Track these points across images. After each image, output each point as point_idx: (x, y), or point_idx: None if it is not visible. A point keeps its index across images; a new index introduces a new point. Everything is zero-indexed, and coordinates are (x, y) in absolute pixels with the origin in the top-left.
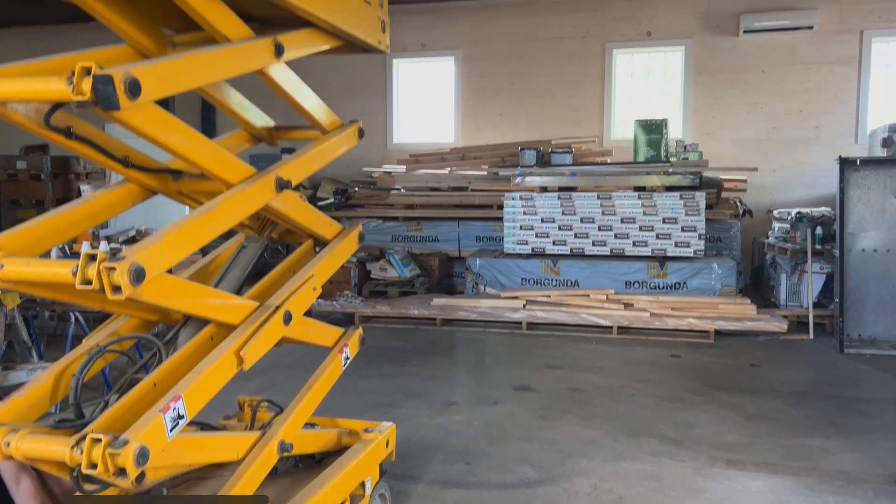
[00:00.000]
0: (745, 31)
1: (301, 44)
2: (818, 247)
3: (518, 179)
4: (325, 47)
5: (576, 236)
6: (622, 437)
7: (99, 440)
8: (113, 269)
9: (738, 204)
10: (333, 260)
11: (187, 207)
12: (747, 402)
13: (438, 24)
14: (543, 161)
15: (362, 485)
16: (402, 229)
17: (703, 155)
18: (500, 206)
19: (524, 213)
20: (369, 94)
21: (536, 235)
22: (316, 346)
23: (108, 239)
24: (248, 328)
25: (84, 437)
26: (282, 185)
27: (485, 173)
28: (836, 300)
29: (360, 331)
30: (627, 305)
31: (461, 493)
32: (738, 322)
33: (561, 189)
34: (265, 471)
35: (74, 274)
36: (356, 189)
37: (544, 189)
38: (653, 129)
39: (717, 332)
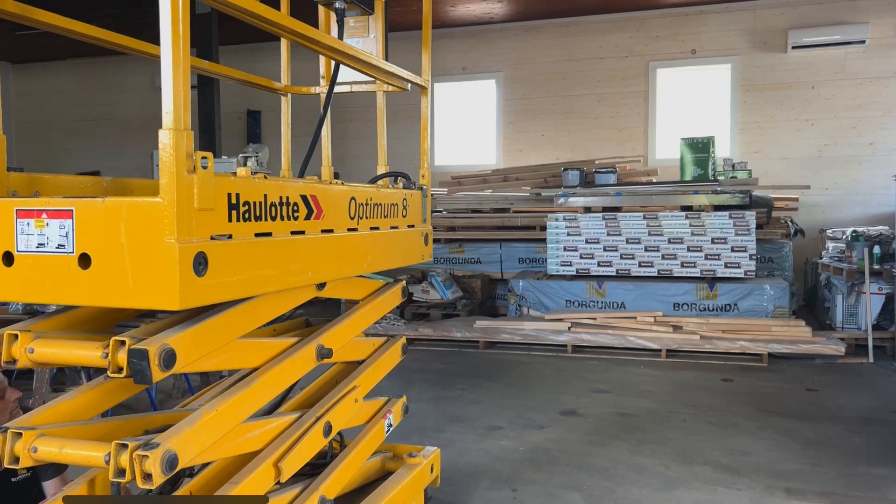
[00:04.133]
0: (793, 47)
1: None
2: (876, 266)
3: (561, 200)
4: None
5: (621, 257)
6: (674, 464)
7: None
8: (146, 457)
9: (790, 223)
10: (376, 371)
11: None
12: (805, 429)
13: (480, 46)
14: (587, 181)
15: None
16: (443, 251)
17: (752, 174)
18: (543, 228)
19: (568, 234)
20: (411, 118)
21: (581, 256)
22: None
23: None
24: (287, 439)
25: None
26: (322, 355)
27: (527, 194)
28: None
29: (403, 399)
30: (676, 328)
31: None
32: (793, 345)
33: (605, 209)
34: None
35: (107, 461)
36: None
37: (588, 209)
38: (699, 148)
39: (771, 356)
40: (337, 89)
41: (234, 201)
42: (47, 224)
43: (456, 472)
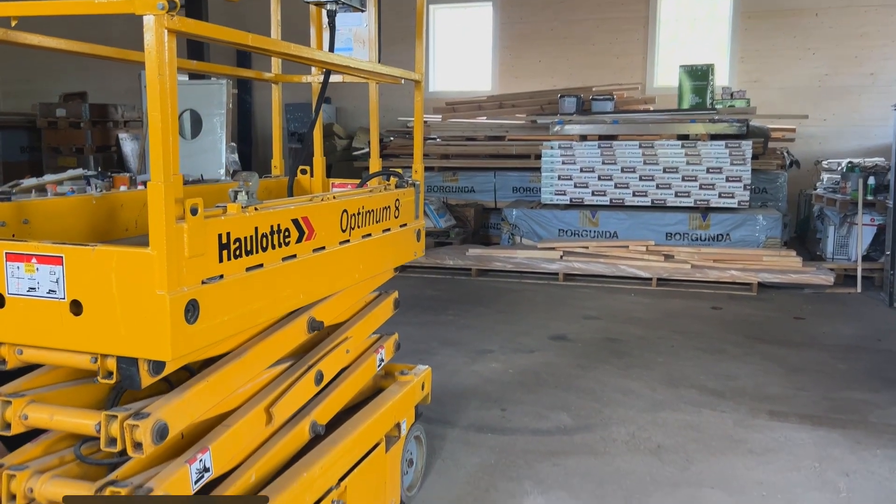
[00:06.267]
0: None
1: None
2: (870, 197)
3: (557, 127)
4: None
5: (616, 186)
6: (661, 387)
7: (119, 492)
8: (136, 426)
9: (786, 154)
10: (368, 324)
11: (223, 152)
12: (791, 355)
13: None
14: (584, 109)
15: (398, 426)
16: (437, 179)
17: (750, 103)
18: (538, 156)
19: (563, 163)
20: (406, 42)
21: (575, 185)
22: None
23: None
24: (279, 385)
25: (105, 486)
26: (314, 327)
27: (523, 122)
28: (888, 253)
29: (395, 336)
30: (668, 257)
31: (496, 438)
32: (783, 275)
33: (601, 137)
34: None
35: (98, 430)
36: (391, 139)
37: (584, 137)
38: (698, 76)
39: (761, 285)
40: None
41: (224, 241)
42: (37, 269)
43: (447, 393)
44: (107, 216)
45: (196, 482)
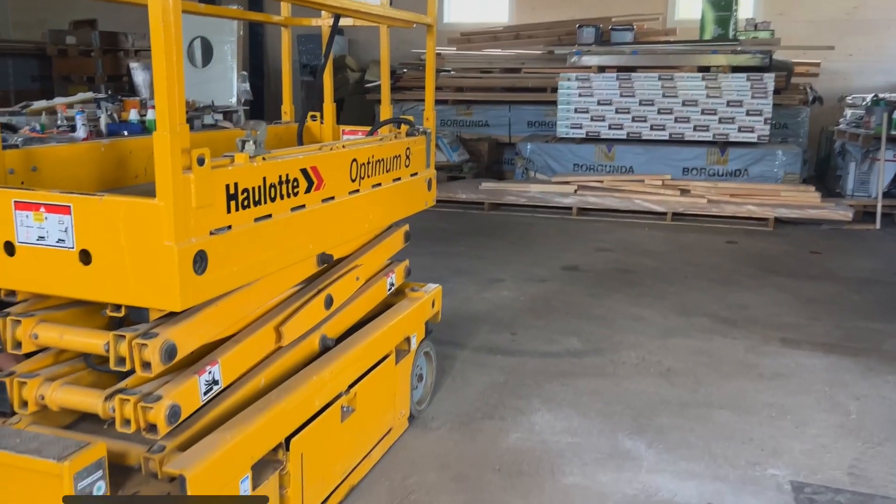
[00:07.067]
0: None
1: None
2: (894, 132)
3: (574, 58)
4: None
5: (633, 120)
6: (673, 315)
7: (128, 400)
8: (145, 346)
9: (809, 90)
10: (378, 253)
11: (234, 80)
12: (806, 287)
13: None
14: (602, 40)
15: (408, 340)
16: (451, 113)
17: (775, 35)
18: (555, 89)
19: (580, 95)
20: None
21: (592, 119)
22: None
23: None
24: (290, 306)
25: (115, 394)
26: (324, 261)
27: (539, 53)
28: None
29: (406, 262)
30: (684, 191)
31: (506, 360)
32: (800, 210)
33: (620, 69)
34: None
35: (106, 349)
36: (405, 71)
37: (602, 69)
38: (721, 6)
39: (777, 221)
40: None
41: (232, 192)
42: (46, 218)
43: (458, 317)
44: (116, 163)
45: (205, 393)
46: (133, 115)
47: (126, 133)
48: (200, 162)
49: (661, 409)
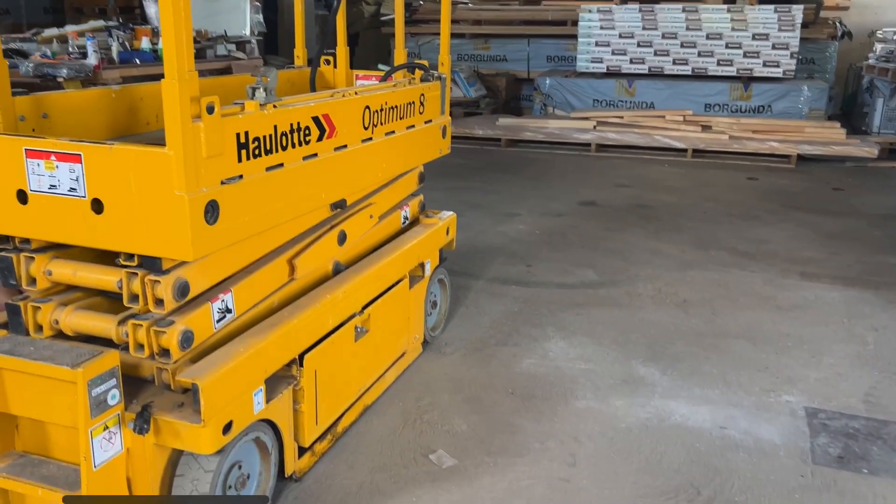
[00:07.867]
0: None
1: None
2: None
3: None
4: None
5: (655, 54)
6: (690, 249)
7: (140, 325)
8: (157, 283)
9: (838, 25)
10: (392, 193)
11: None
12: (827, 222)
13: None
14: None
15: (422, 266)
16: (468, 47)
17: None
18: (575, 22)
19: (601, 28)
20: None
21: (613, 53)
22: None
23: None
24: (303, 240)
25: (128, 318)
26: (337, 205)
27: None
28: None
29: (420, 198)
30: (705, 127)
31: (521, 290)
32: (824, 146)
33: (643, 0)
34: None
35: (119, 286)
36: (421, 3)
37: (625, 1)
38: None
39: (800, 158)
40: None
41: (243, 140)
42: (57, 167)
43: (473, 249)
44: (127, 110)
45: (218, 321)
46: (145, 42)
47: (138, 61)
48: (210, 110)
49: (677, 338)
